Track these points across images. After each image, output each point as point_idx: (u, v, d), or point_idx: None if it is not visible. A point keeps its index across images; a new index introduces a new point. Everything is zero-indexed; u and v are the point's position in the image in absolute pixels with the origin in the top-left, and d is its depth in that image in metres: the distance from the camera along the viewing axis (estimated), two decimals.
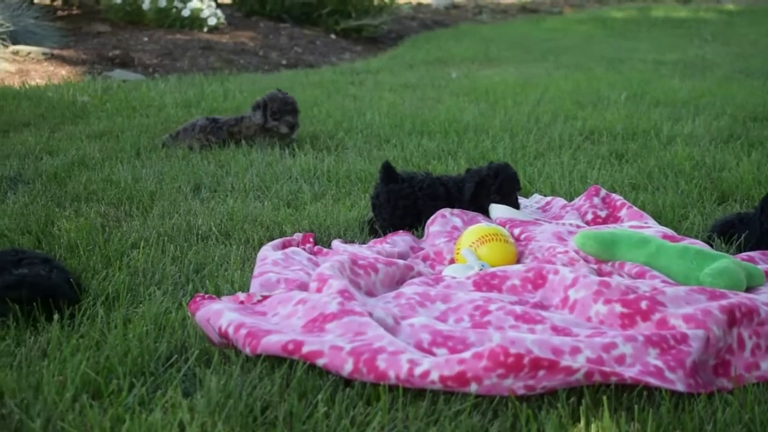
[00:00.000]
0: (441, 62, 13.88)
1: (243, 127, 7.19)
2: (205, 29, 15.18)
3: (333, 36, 16.88)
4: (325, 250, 4.66)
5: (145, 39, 13.94)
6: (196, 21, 15.18)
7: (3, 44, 11.67)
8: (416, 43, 17.15)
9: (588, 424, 2.87)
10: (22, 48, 11.95)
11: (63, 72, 11.48)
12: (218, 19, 15.48)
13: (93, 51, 12.76)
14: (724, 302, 3.48)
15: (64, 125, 8.03)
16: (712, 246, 4.62)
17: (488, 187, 5.01)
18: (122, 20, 14.98)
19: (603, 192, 5.24)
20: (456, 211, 4.99)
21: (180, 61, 12.90)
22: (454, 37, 17.94)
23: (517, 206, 5.01)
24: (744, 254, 4.42)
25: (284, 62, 13.95)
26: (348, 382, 3.14)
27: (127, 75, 11.58)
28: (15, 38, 12.04)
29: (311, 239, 4.78)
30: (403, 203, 5.06)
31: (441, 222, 4.88)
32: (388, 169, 5.16)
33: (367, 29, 17.28)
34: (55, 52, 12.30)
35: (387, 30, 18.08)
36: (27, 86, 10.15)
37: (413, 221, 5.06)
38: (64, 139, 7.36)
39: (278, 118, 7.06)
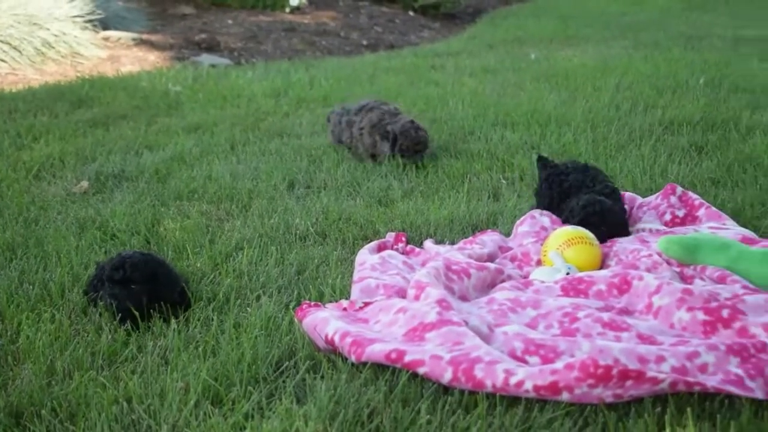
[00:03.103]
0: (520, 41, 13.96)
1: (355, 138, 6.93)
2: (288, 10, 15.44)
3: (411, 13, 17.03)
4: (417, 249, 4.90)
5: (230, 21, 14.23)
6: (278, 2, 15.43)
7: (95, 30, 12.01)
8: (494, 19, 17.22)
9: None
10: (113, 34, 12.31)
11: (152, 57, 11.82)
12: None
13: (180, 35, 13.08)
14: None
15: (159, 117, 8.35)
16: None
17: None
18: (206, 2, 15.27)
19: (679, 190, 5.36)
20: (545, 211, 5.19)
21: (264, 44, 13.16)
22: (533, 13, 17.97)
23: None
24: None
25: (365, 42, 14.14)
26: (447, 389, 3.37)
27: (214, 59, 11.87)
28: (105, 23, 12.39)
29: (403, 239, 5.02)
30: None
31: (530, 223, 5.09)
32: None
33: (445, 5, 17.41)
34: (144, 36, 12.64)
35: (464, 5, 18.17)
36: (121, 75, 10.48)
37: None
38: (161, 133, 7.68)
39: (408, 154, 6.61)
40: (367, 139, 6.77)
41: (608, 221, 4.92)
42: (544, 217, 5.13)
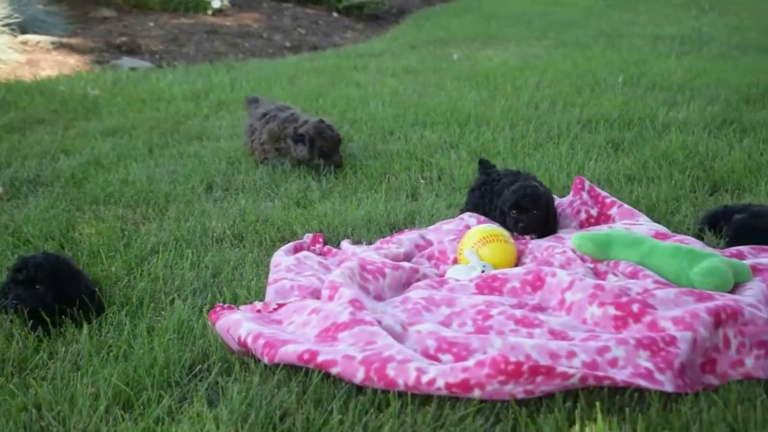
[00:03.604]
0: (442, 42, 13.99)
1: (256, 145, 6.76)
2: (210, 12, 15.34)
3: (335, 14, 17.01)
4: (334, 250, 4.91)
5: (151, 24, 14.11)
6: (200, 3, 15.33)
7: (12, 34, 11.84)
8: (418, 20, 17.23)
9: (583, 427, 3.10)
10: (31, 37, 12.14)
11: (72, 61, 11.68)
12: (222, 1, 15.61)
13: (100, 38, 12.94)
14: (710, 304, 3.72)
15: (77, 121, 8.26)
16: (702, 239, 4.85)
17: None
18: (127, 4, 15.11)
19: (587, 184, 5.38)
20: (474, 214, 5.22)
21: (186, 46, 13.07)
22: (456, 14, 18.02)
23: None
24: (734, 249, 4.63)
25: (288, 44, 14.09)
26: (360, 389, 3.38)
27: (135, 63, 11.77)
28: (24, 27, 12.21)
29: (321, 240, 5.02)
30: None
31: (457, 222, 5.15)
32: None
33: (369, 6, 17.39)
34: (63, 40, 12.48)
35: (388, 6, 18.18)
36: (38, 79, 10.35)
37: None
38: (78, 137, 7.60)
39: (327, 156, 6.46)
40: (272, 154, 6.66)
41: (539, 205, 4.93)
42: (472, 219, 5.15)
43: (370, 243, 5.03)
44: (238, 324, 3.74)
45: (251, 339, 3.63)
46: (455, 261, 4.72)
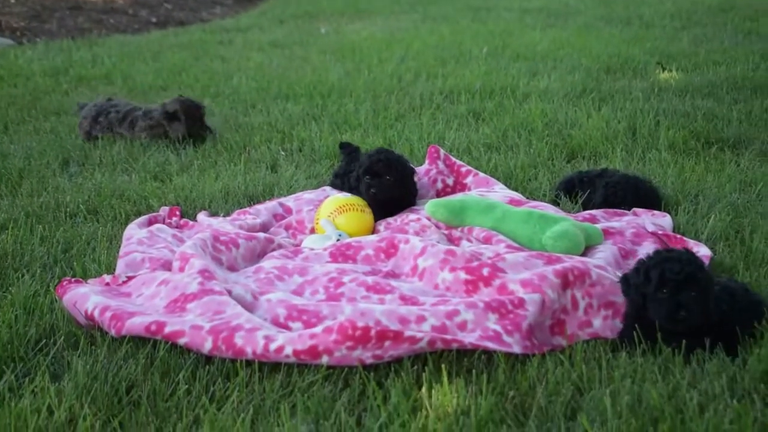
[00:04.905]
0: (311, 16, 13.99)
1: (137, 128, 6.60)
2: None
3: None
4: (191, 223, 4.86)
5: (12, 0, 13.80)
6: None
7: None
8: None
9: (430, 390, 3.11)
10: None
11: None
12: None
13: None
14: (558, 266, 3.76)
15: None
16: (558, 205, 4.90)
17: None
18: None
19: (443, 153, 5.41)
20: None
21: (48, 23, 12.83)
22: None
23: None
24: (587, 213, 4.71)
25: (154, 20, 13.94)
26: (209, 359, 3.35)
27: None
28: None
29: (177, 212, 4.96)
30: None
31: (318, 192, 5.14)
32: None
33: None
34: None
35: None
36: None
37: None
38: None
39: (200, 127, 6.54)
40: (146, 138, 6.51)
41: (392, 171, 4.82)
42: (334, 191, 5.13)
43: (227, 215, 4.98)
44: (85, 297, 3.68)
45: (98, 312, 3.57)
46: (312, 231, 4.71)
